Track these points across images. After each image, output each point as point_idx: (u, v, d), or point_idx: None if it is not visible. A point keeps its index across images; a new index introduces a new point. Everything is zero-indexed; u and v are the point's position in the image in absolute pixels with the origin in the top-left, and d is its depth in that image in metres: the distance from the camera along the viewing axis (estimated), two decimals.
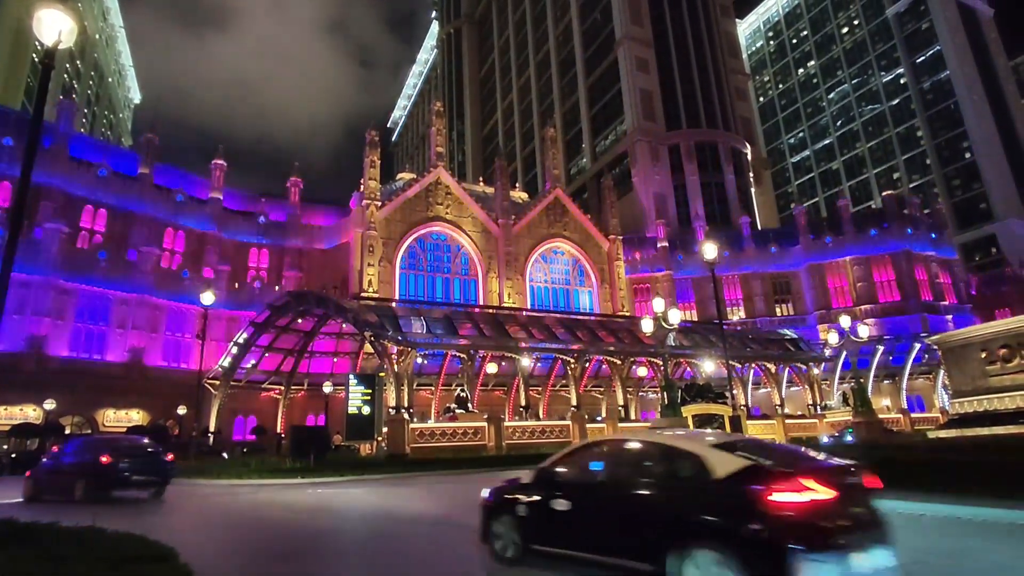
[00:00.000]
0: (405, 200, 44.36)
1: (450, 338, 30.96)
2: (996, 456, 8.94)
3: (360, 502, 13.43)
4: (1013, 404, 11.92)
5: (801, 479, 4.41)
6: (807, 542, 4.12)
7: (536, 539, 5.91)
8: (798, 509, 4.28)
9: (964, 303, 54.03)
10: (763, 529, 4.27)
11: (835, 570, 4.09)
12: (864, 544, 4.37)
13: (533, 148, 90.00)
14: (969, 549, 6.37)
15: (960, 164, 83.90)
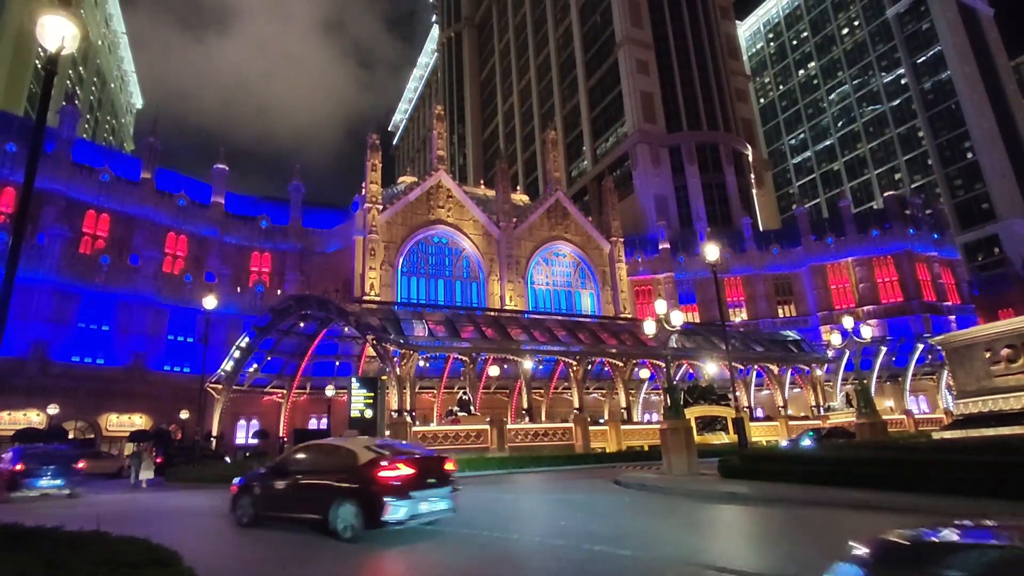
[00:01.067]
0: (406, 204, 44.41)
1: (452, 341, 30.93)
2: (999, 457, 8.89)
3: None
4: (1019, 404, 11.87)
5: (396, 463, 8.31)
6: (393, 494, 7.96)
7: (263, 508, 9.42)
8: (391, 478, 8.12)
9: (967, 303, 53.89)
10: (374, 489, 8.01)
11: (407, 506, 8.04)
12: (429, 496, 8.43)
13: (534, 151, 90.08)
14: None
15: (962, 164, 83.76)
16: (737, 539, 7.60)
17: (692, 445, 16.45)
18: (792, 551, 6.69)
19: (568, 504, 12.05)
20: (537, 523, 9.53)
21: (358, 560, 7.03)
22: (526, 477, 20.76)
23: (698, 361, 36.62)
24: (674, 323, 18.78)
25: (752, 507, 10.20)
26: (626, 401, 35.14)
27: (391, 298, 41.06)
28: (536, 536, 8.01)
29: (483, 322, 34.30)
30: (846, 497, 9.61)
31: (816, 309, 53.39)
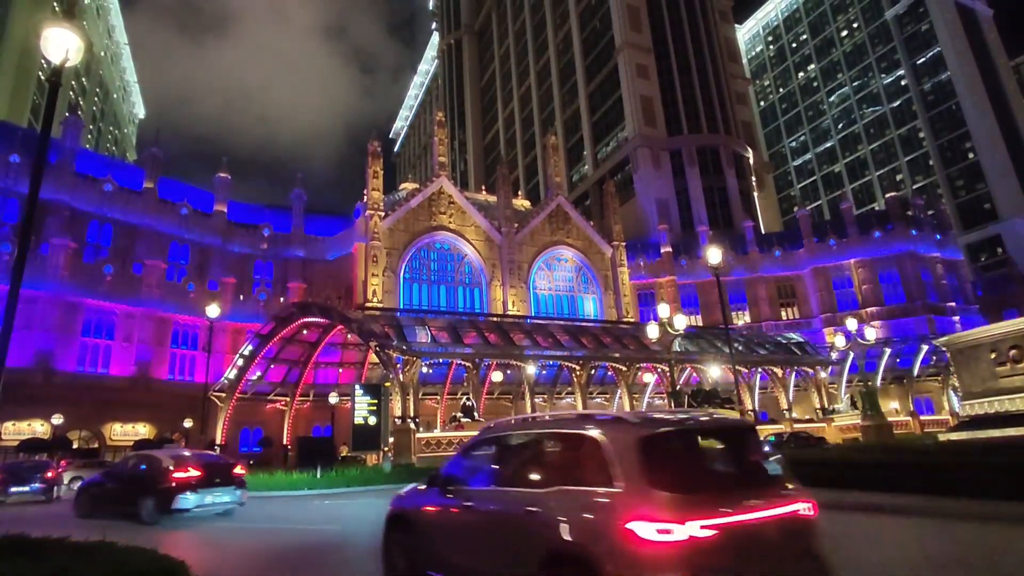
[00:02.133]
0: (408, 210, 44.50)
1: (455, 347, 30.92)
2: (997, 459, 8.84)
3: (367, 512, 13.37)
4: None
5: (187, 467, 12.05)
6: (183, 489, 11.66)
7: (96, 503, 12.97)
8: (182, 479, 11.78)
9: (971, 304, 53.71)
10: (169, 485, 11.63)
11: (194, 498, 11.72)
12: (214, 492, 12.16)
13: (535, 156, 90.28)
14: None
15: (963, 164, 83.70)
16: None
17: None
18: None
19: None
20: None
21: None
22: None
23: (702, 365, 36.54)
24: (677, 327, 18.76)
25: None
26: (630, 405, 35.04)
27: (394, 305, 41.09)
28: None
29: (486, 328, 34.28)
30: (854, 499, 9.57)
31: (819, 311, 53.27)
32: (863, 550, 6.56)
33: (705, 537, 3.40)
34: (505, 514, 4.50)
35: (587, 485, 3.96)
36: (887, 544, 6.88)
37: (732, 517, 3.57)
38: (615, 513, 3.64)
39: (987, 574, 5.34)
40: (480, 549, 4.68)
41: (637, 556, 3.42)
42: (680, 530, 3.39)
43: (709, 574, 3.39)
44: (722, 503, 3.62)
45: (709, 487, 3.89)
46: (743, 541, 3.55)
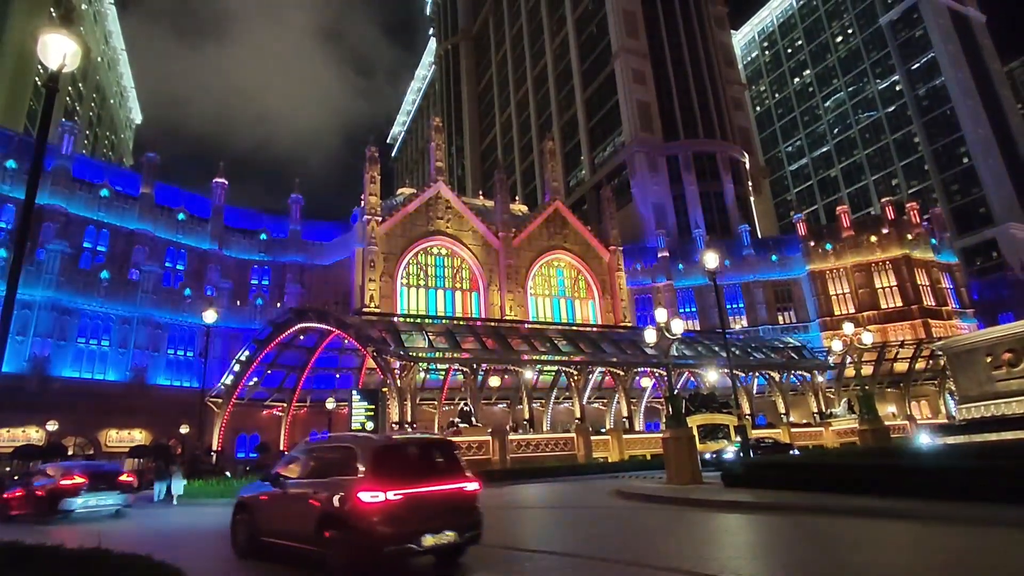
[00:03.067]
0: (406, 215, 44.52)
1: (453, 352, 30.89)
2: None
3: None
4: (1021, 408, 11.85)
5: (75, 475, 15.61)
6: (69, 495, 14.93)
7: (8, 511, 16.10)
8: (68, 485, 15.23)
9: (967, 308, 53.88)
10: (58, 491, 15.12)
11: (79, 501, 14.94)
12: (98, 496, 15.40)
13: (532, 161, 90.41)
14: None
15: (958, 169, 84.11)
16: (741, 548, 7.56)
17: (695, 454, 16.39)
18: (794, 558, 6.65)
19: (569, 516, 11.97)
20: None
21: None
22: (527, 488, 20.65)
23: (699, 369, 36.55)
24: (674, 331, 18.78)
25: (755, 515, 10.15)
26: (628, 410, 35.04)
27: (391, 309, 41.04)
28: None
29: (483, 333, 34.27)
30: (849, 503, 9.57)
31: (816, 315, 53.37)
32: (853, 554, 6.57)
33: (396, 499, 6.34)
34: (304, 494, 7.21)
35: (346, 475, 6.77)
36: (879, 548, 6.88)
37: (412, 489, 6.53)
38: (354, 489, 6.48)
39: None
40: (290, 518, 7.32)
41: (361, 510, 6.31)
42: (383, 496, 6.30)
43: (398, 518, 6.30)
44: (409, 483, 6.58)
45: (406, 474, 6.71)
46: (419, 502, 6.53)
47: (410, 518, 6.36)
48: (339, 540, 6.36)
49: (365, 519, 6.20)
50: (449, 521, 6.64)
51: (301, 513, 7.00)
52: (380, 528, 6.17)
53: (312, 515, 6.77)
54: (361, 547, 6.21)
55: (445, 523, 6.58)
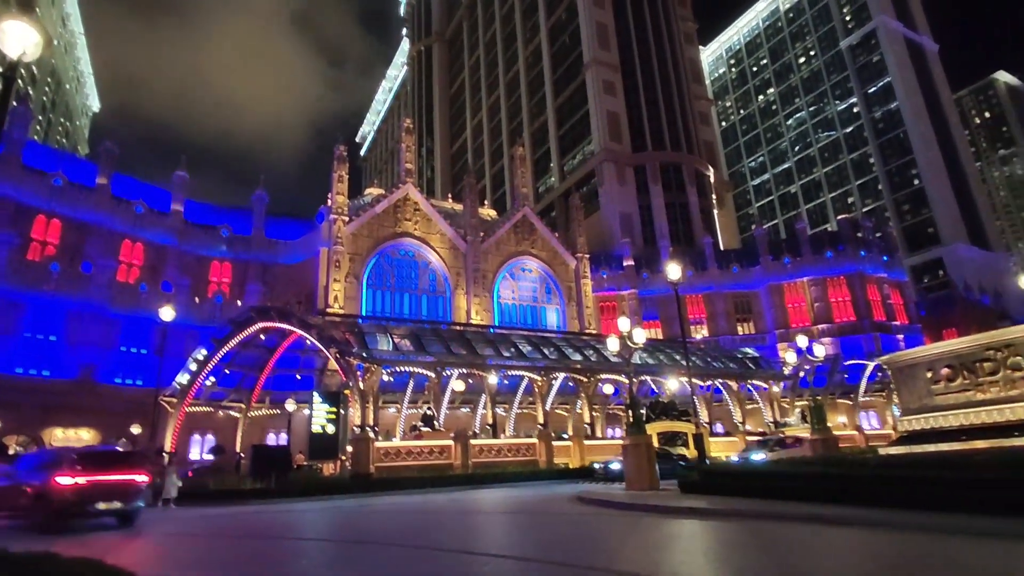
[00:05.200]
0: (373, 216, 44.13)
1: (417, 355, 30.73)
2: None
3: (321, 523, 13.20)
4: (956, 422, 12.56)
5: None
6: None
7: None
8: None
9: (914, 323, 56.38)
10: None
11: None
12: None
13: (502, 166, 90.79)
14: None
15: (909, 190, 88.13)
16: (694, 553, 7.80)
17: (653, 460, 16.74)
18: (745, 563, 6.91)
19: (526, 520, 12.09)
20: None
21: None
22: (489, 492, 20.71)
23: (660, 377, 37.25)
24: (637, 340, 19.16)
25: (710, 521, 10.46)
26: (590, 416, 35.43)
27: (355, 311, 40.58)
28: None
29: (449, 336, 34.20)
30: (799, 511, 9.96)
31: (773, 327, 55.01)
32: (801, 559, 6.87)
33: (81, 483, 11.65)
34: (27, 481, 12.25)
35: (53, 470, 11.94)
36: (825, 553, 7.22)
37: (93, 477, 11.82)
38: (55, 473, 11.70)
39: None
40: (13, 497, 12.38)
41: (57, 488, 11.49)
42: (72, 480, 11.60)
43: (83, 497, 11.62)
44: (93, 472, 11.93)
45: (94, 466, 12.06)
46: (99, 485, 11.82)
47: (90, 493, 11.65)
48: (42, 505, 11.58)
49: (60, 492, 11.41)
50: (118, 496, 12.01)
51: (25, 494, 12.04)
52: (69, 497, 11.40)
53: (34, 492, 11.85)
54: (56, 508, 11.40)
55: (115, 497, 11.95)
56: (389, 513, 15.05)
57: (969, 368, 12.76)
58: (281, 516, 15.19)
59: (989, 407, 12.23)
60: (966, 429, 12.45)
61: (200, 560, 8.97)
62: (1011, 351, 12.10)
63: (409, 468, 25.27)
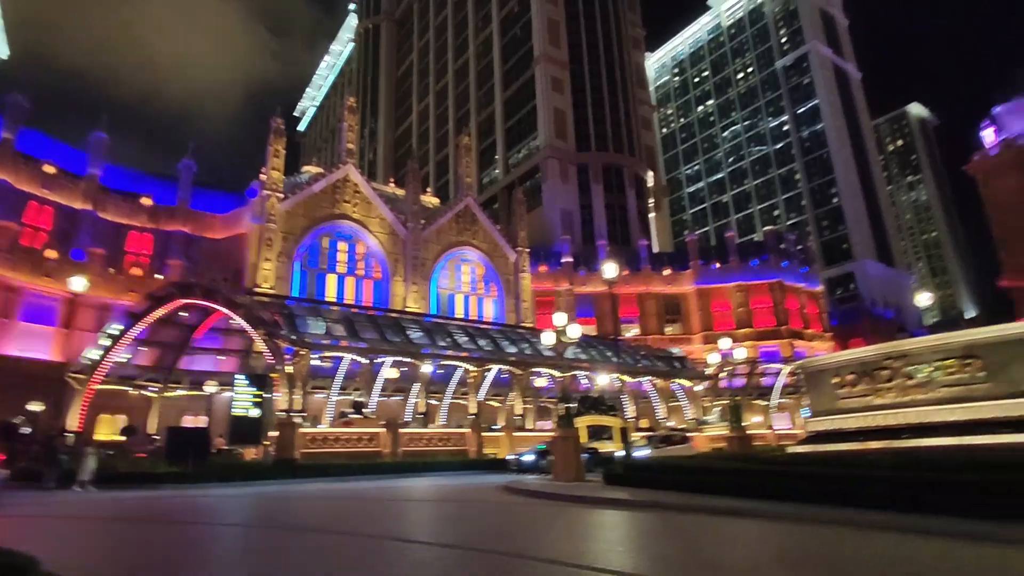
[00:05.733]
0: (310, 195, 42.67)
1: (350, 340, 30.10)
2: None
3: (240, 508, 12.77)
4: (855, 424, 13.67)
5: None
6: None
7: None
8: None
9: (826, 332, 60.48)
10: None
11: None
12: None
13: (447, 154, 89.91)
14: None
15: (828, 207, 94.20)
16: (615, 542, 8.13)
17: (580, 453, 17.22)
18: (662, 552, 7.28)
19: (454, 509, 12.18)
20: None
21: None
22: (418, 481, 20.65)
23: (591, 372, 38.22)
24: (571, 335, 19.59)
25: (631, 512, 10.91)
26: (522, 409, 35.92)
27: (286, 292, 39.19)
28: None
29: (384, 323, 33.70)
30: (715, 503, 10.55)
31: (700, 329, 57.53)
32: (712, 548, 7.32)
33: None
34: None
35: None
36: (734, 543, 7.72)
37: None
38: None
39: (827, 569, 6.19)
40: None
41: None
42: None
43: None
44: None
45: None
46: None
47: None
48: None
49: None
50: None
51: None
52: None
53: None
54: None
55: None
56: (314, 499, 14.74)
57: (870, 375, 13.90)
58: (197, 501, 14.56)
59: (884, 411, 13.39)
60: (864, 431, 13.57)
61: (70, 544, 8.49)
62: (906, 361, 13.27)
63: (337, 455, 24.79)
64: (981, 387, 12.05)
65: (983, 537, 6.95)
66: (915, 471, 8.76)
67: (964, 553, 6.51)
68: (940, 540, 7.10)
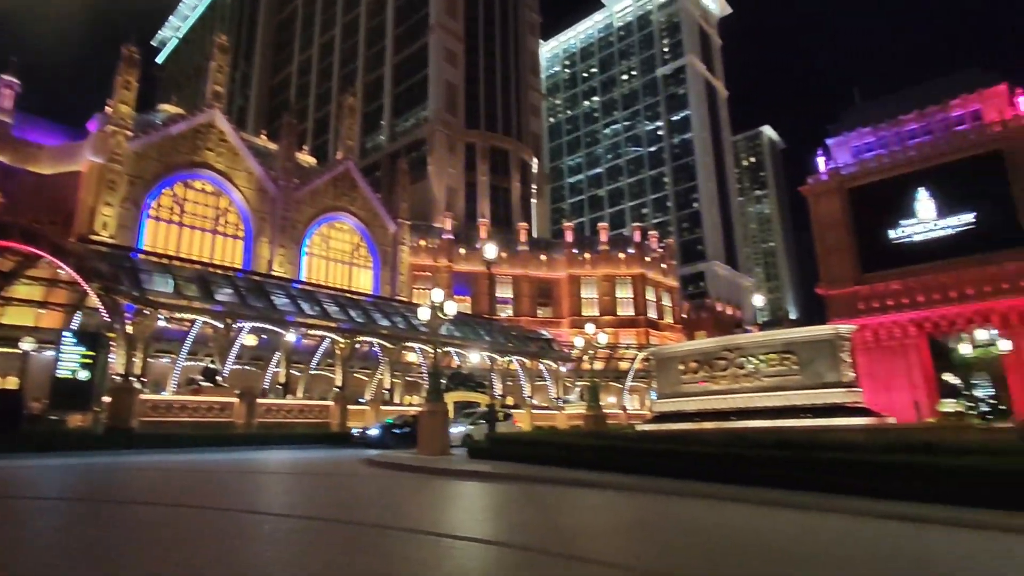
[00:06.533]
0: (167, 137, 38.22)
1: (204, 302, 27.70)
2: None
3: (64, 480, 11.39)
4: (695, 406, 15.32)
5: None
6: None
7: None
8: None
9: (677, 323, 66.44)
10: None
11: None
12: None
13: (328, 113, 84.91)
14: None
15: (689, 211, 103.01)
16: (474, 511, 8.44)
17: (447, 427, 17.48)
18: (516, 521, 7.69)
19: (315, 481, 11.86)
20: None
21: None
22: (276, 454, 19.71)
23: (463, 350, 38.70)
24: (447, 312, 19.67)
25: (492, 484, 11.34)
26: (390, 383, 35.49)
27: (130, 243, 34.97)
28: None
29: (244, 286, 31.42)
30: (570, 476, 11.30)
31: (569, 314, 60.46)
32: (565, 516, 7.89)
33: None
34: None
35: None
36: (585, 511, 8.37)
37: None
38: None
39: (657, 533, 6.91)
40: None
41: None
42: None
43: None
44: None
45: None
46: None
47: None
48: None
49: None
50: None
51: None
52: None
53: None
54: None
55: None
56: (153, 471, 13.51)
57: (709, 364, 15.61)
58: (3, 473, 12.69)
59: (718, 396, 15.13)
60: (702, 412, 15.25)
61: None
62: (739, 352, 15.08)
63: (182, 425, 22.83)
64: (794, 378, 14.08)
65: (785, 504, 8.20)
66: (738, 448, 10.05)
67: (762, 520, 7.63)
68: (748, 507, 8.26)
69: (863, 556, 5.44)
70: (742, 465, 9.46)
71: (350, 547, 5.69)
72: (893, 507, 7.44)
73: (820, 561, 5.39)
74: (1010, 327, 37.54)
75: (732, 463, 9.62)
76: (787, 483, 8.73)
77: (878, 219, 43.43)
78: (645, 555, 5.61)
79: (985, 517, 6.80)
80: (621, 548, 5.97)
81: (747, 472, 9.29)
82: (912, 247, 42.02)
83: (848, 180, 45.99)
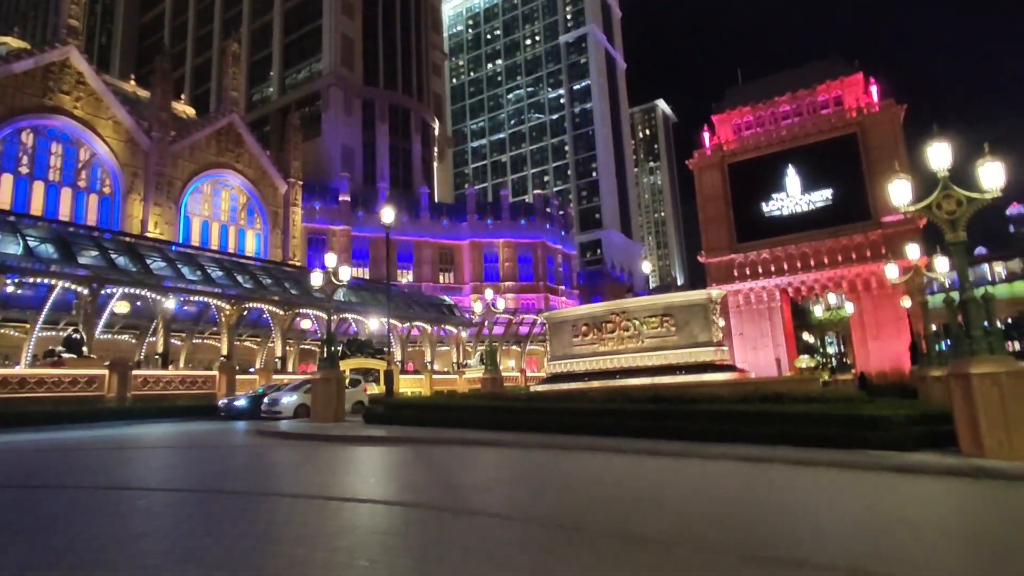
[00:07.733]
0: (8, 75, 33.29)
1: (63, 266, 24.89)
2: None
3: None
4: (584, 367, 16.20)
5: None
6: None
7: None
8: None
9: (575, 289, 68.98)
10: None
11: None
12: None
13: (209, 58, 77.40)
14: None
15: (588, 180, 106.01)
16: (366, 474, 8.51)
17: (342, 394, 17.23)
18: (408, 481, 7.88)
19: (201, 452, 11.35)
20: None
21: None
22: (155, 428, 18.45)
23: (361, 316, 37.87)
24: (342, 278, 19.11)
25: (386, 447, 11.43)
26: (282, 351, 34.10)
27: None
28: None
29: (113, 248, 28.55)
30: (464, 436, 11.63)
31: (470, 279, 60.75)
32: (457, 474, 8.19)
33: None
34: None
35: None
36: (477, 468, 8.72)
37: None
38: None
39: (540, 484, 7.37)
40: None
41: None
42: None
43: None
44: None
45: None
46: None
47: None
48: None
49: None
50: None
51: None
52: None
53: None
54: None
55: None
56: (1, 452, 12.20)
57: (598, 327, 16.51)
58: None
59: (605, 356, 16.10)
60: (590, 372, 16.16)
61: None
62: (624, 316, 16.07)
63: (39, 400, 20.63)
64: (672, 339, 15.28)
65: (656, 453, 9.04)
66: (618, 404, 10.85)
67: (636, 467, 8.38)
68: (625, 456, 9.01)
69: (711, 492, 6.18)
70: (622, 418, 10.25)
71: (232, 514, 5.58)
72: (748, 450, 8.45)
73: (678, 498, 6.07)
74: (855, 292, 42.74)
75: (613, 417, 10.39)
76: (661, 433, 9.60)
77: (754, 193, 47.20)
78: (528, 504, 6.00)
79: (818, 455, 7.94)
80: (507, 499, 6.33)
81: (626, 425, 10.08)
82: (781, 220, 46.22)
83: (729, 156, 49.39)
